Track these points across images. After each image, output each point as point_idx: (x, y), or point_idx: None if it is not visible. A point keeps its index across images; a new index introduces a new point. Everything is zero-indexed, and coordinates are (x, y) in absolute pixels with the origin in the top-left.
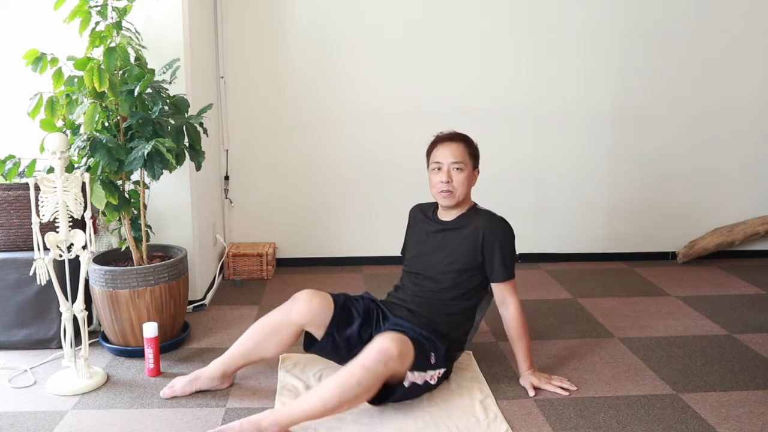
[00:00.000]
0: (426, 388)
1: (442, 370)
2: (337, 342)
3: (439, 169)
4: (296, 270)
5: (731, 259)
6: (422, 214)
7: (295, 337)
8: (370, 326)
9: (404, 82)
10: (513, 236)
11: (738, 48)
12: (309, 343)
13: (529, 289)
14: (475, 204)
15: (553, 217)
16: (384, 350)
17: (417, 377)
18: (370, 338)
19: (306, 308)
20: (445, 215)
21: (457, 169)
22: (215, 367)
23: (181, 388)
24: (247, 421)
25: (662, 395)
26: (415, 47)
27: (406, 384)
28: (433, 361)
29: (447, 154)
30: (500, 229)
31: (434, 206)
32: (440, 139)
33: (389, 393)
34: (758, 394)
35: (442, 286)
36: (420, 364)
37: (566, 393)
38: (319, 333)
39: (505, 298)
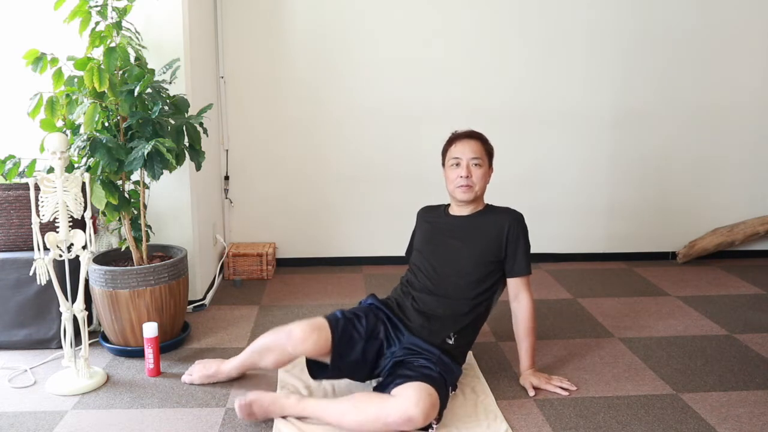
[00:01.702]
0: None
1: (453, 392)
2: (342, 369)
3: (457, 164)
4: (296, 270)
5: (731, 259)
6: (433, 215)
7: (294, 359)
8: (377, 340)
9: (404, 82)
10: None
11: (738, 48)
12: (314, 373)
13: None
14: (488, 204)
15: (553, 217)
16: (411, 420)
17: (436, 422)
18: (376, 356)
19: (302, 347)
20: (460, 212)
21: (476, 164)
22: (234, 367)
23: (200, 378)
24: (272, 406)
25: (662, 395)
26: (415, 47)
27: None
28: (450, 390)
29: (466, 149)
30: (523, 224)
31: (443, 206)
32: (458, 137)
33: None
34: (758, 394)
35: (467, 280)
36: (442, 405)
37: (566, 393)
38: (324, 359)
39: (519, 294)
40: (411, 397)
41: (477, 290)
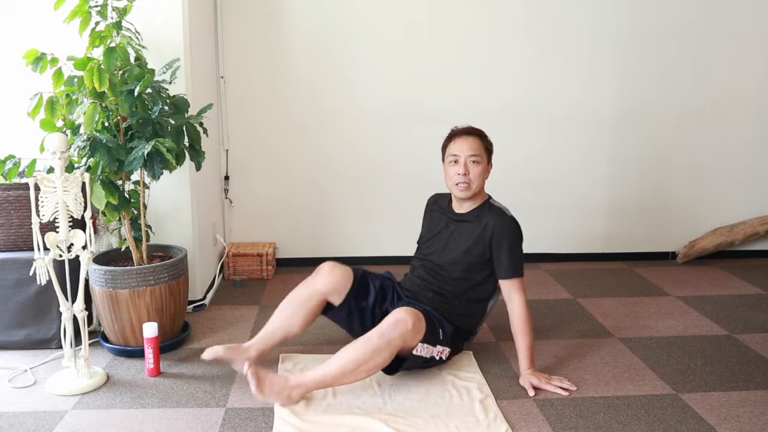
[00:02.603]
0: (431, 363)
1: (448, 350)
2: (352, 311)
3: (455, 161)
4: (296, 270)
5: (731, 259)
6: (438, 205)
7: (319, 308)
8: (385, 302)
9: (404, 81)
10: (521, 236)
11: (738, 48)
12: (327, 309)
13: (529, 289)
14: (489, 198)
15: (553, 217)
16: (400, 321)
17: (425, 349)
18: (383, 314)
19: (328, 278)
20: (460, 207)
21: (474, 162)
22: (253, 351)
23: (223, 351)
24: (276, 376)
25: (662, 395)
26: (416, 47)
27: (415, 353)
28: (441, 337)
29: (464, 147)
30: (509, 228)
31: (449, 197)
32: (456, 133)
33: (400, 362)
34: (758, 394)
35: (455, 277)
36: (430, 338)
37: (566, 393)
38: (338, 302)
39: (511, 295)
40: (397, 310)
41: (464, 286)
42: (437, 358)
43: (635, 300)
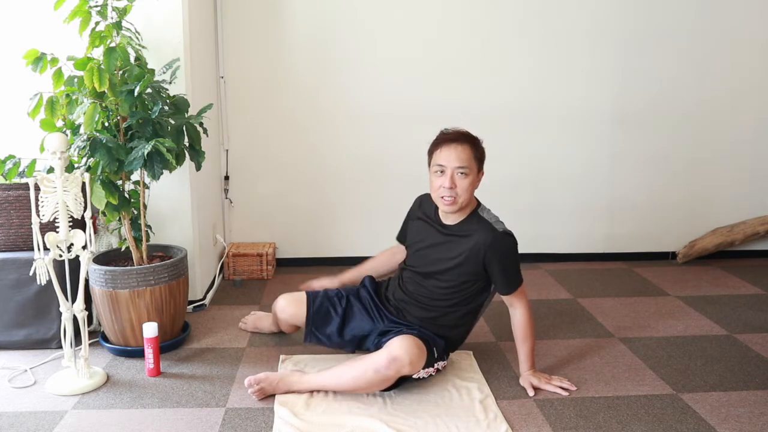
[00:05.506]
0: (427, 378)
1: (442, 363)
2: (320, 338)
3: (441, 172)
4: (296, 270)
5: (731, 259)
6: (423, 211)
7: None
8: (357, 322)
9: (404, 82)
10: (514, 249)
11: (738, 48)
12: (305, 334)
13: (529, 289)
14: (479, 205)
15: (553, 217)
16: (396, 359)
17: (425, 372)
18: (359, 338)
19: (282, 315)
20: (446, 218)
21: (462, 173)
22: (272, 323)
23: (252, 328)
24: (279, 373)
25: (662, 395)
26: (416, 47)
27: (415, 376)
28: (436, 355)
29: (451, 157)
30: (499, 247)
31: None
32: (444, 140)
33: (400, 380)
34: (758, 394)
35: (446, 291)
36: (427, 361)
37: (566, 393)
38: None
39: (513, 303)
40: (396, 343)
41: (454, 300)
42: (435, 373)
43: (635, 300)
